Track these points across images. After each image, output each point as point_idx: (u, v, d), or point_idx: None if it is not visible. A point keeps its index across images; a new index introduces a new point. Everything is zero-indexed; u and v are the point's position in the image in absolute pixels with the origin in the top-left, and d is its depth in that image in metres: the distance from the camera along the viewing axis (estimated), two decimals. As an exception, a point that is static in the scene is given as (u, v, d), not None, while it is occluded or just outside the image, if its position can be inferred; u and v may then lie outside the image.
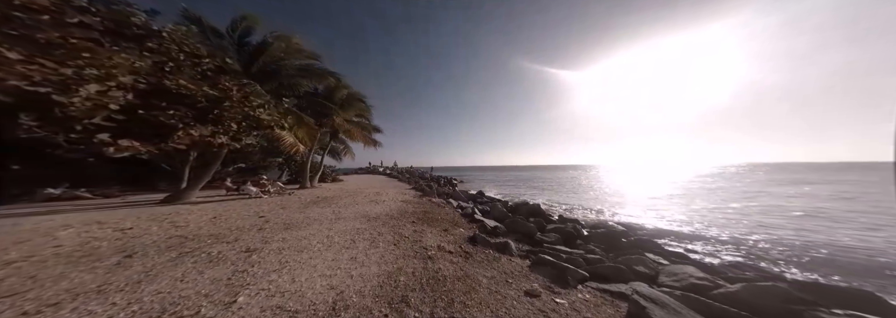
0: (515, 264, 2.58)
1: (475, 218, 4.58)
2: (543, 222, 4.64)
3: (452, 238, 3.42)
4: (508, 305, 1.79)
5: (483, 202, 7.40)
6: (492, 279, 2.20)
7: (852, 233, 4.93)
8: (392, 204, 6.17)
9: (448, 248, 3.00)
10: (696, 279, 2.15)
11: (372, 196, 7.61)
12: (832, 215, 6.40)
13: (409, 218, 4.59)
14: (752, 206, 8.01)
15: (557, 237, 3.62)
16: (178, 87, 5.03)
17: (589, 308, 1.77)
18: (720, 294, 1.88)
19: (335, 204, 6.07)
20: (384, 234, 3.56)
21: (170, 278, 2.09)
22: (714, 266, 2.89)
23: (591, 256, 2.78)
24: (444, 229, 3.92)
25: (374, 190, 9.39)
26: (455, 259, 2.66)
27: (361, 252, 2.81)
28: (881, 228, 5.23)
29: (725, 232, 5.13)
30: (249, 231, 3.56)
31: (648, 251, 3.24)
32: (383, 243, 3.14)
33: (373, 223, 4.18)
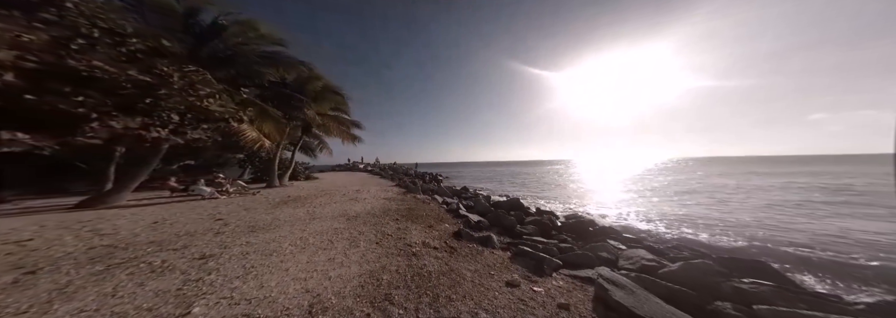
0: (497, 256, 2.69)
1: (460, 213, 4.66)
2: (523, 215, 4.90)
3: (437, 234, 3.44)
4: (491, 296, 1.87)
5: (467, 198, 7.52)
6: (476, 272, 2.28)
7: (768, 215, 6.00)
8: (374, 202, 5.96)
9: (433, 244, 3.02)
10: (646, 261, 2.50)
11: (352, 194, 7.24)
12: (753, 202, 7.70)
13: (393, 216, 4.49)
14: (689, 193, 9.43)
15: (535, 229, 3.87)
16: (91, 69, 3.96)
17: (562, 294, 1.93)
18: (664, 273, 2.23)
19: (309, 204, 5.66)
20: (365, 233, 3.44)
21: (96, 293, 1.76)
22: (661, 249, 3.39)
23: (563, 245, 3.04)
24: (428, 225, 3.92)
25: (354, 188, 8.94)
26: (440, 255, 2.69)
27: (340, 253, 2.69)
28: (792, 209, 6.43)
29: (670, 217, 6.03)
30: (203, 236, 3.15)
31: (610, 238, 3.66)
32: (365, 243, 3.04)
33: (353, 223, 4.00)
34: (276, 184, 9.19)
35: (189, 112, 5.13)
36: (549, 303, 1.78)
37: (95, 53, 4.14)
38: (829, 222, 5.19)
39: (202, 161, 10.91)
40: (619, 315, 1.64)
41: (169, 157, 8.54)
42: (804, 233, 4.54)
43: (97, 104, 4.12)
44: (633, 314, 1.59)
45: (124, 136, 4.46)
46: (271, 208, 5.07)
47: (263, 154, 10.69)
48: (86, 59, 3.91)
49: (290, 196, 6.80)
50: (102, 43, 4.24)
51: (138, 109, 4.50)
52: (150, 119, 4.66)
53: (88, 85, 4.01)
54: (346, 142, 11.47)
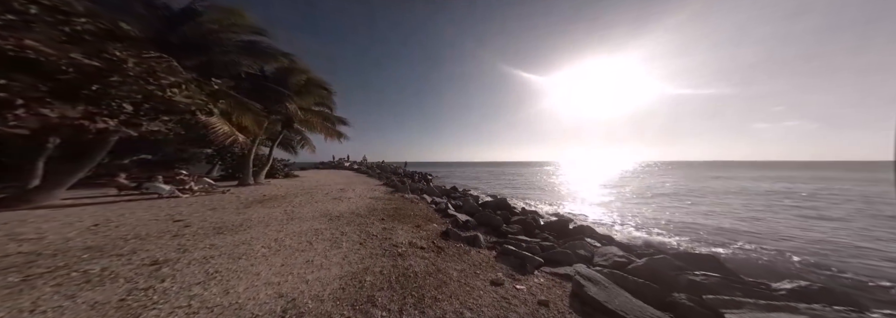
0: (483, 255, 2.76)
1: (448, 213, 4.69)
2: (509, 215, 5.07)
3: (425, 234, 3.43)
4: (476, 295, 1.92)
5: (456, 197, 7.57)
6: (462, 272, 2.32)
7: (725, 212, 6.85)
8: (359, 201, 5.78)
9: (420, 244, 3.01)
10: (617, 257, 2.72)
11: (335, 193, 6.96)
12: (712, 202, 8.76)
13: (379, 215, 4.40)
14: (659, 196, 10.38)
15: (520, 228, 4.02)
16: (20, 49, 3.33)
17: (543, 291, 2.03)
18: (632, 268, 2.44)
19: (287, 203, 5.34)
20: (349, 233, 3.34)
21: (8, 309, 1.52)
22: (630, 245, 3.72)
23: (545, 243, 3.18)
24: (416, 225, 3.90)
25: (338, 187, 8.59)
26: (427, 255, 2.69)
27: (320, 254, 2.58)
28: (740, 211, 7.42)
29: (641, 217, 6.63)
30: (158, 239, 2.85)
31: (587, 236, 3.90)
32: (348, 243, 2.95)
33: (335, 223, 3.85)
34: (250, 182, 8.50)
35: (147, 102, 4.53)
36: (530, 300, 1.86)
37: (30, 31, 3.48)
38: (770, 221, 5.99)
39: (162, 156, 9.76)
40: (593, 310, 1.76)
41: (122, 150, 7.52)
42: (750, 231, 5.20)
43: (25, 89, 3.47)
44: (605, 309, 1.72)
45: (60, 125, 3.83)
46: (243, 208, 4.71)
47: (236, 149, 9.83)
48: (14, 37, 3.27)
49: (265, 195, 6.37)
50: (41, 21, 3.57)
51: (82, 97, 3.88)
52: (96, 108, 4.05)
53: (16, 67, 3.36)
54: (329, 139, 10.86)
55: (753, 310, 1.65)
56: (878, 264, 3.54)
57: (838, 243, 4.40)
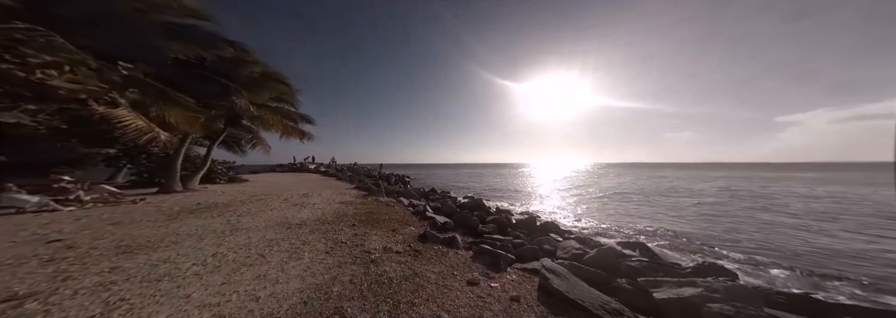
0: (461, 256, 2.81)
1: (426, 215, 4.64)
2: (484, 215, 5.25)
3: (401, 238, 3.33)
4: (453, 296, 1.94)
5: (435, 199, 7.50)
6: (439, 274, 2.32)
7: (656, 209, 8.12)
8: (326, 207, 5.28)
9: (396, 248, 2.90)
10: (575, 250, 3.09)
11: (296, 199, 6.23)
12: (653, 200, 10.27)
13: (349, 221, 4.10)
14: (611, 194, 12.01)
15: (494, 227, 4.20)
16: None
17: (514, 287, 2.17)
18: (587, 259, 2.80)
19: (232, 212, 4.58)
20: (312, 242, 3.03)
21: None
22: (587, 238, 4.23)
23: (517, 241, 3.40)
24: (392, 229, 3.75)
25: (301, 192, 7.69)
26: (403, 259, 2.62)
27: (275, 268, 2.29)
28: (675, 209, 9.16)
29: (594, 212, 7.69)
30: (17, 268, 2.13)
31: (552, 232, 4.34)
32: (311, 253, 2.68)
33: (296, 231, 3.46)
34: (177, 188, 6.96)
35: (1, 85, 3.32)
36: (503, 297, 1.96)
37: None
38: (689, 213, 7.43)
39: (28, 156, 7.06)
40: (557, 301, 1.95)
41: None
42: (672, 221, 6.44)
43: None
44: (566, 298, 1.93)
45: None
46: (166, 220, 3.86)
47: (156, 149, 7.95)
48: None
49: (200, 203, 5.33)
50: None
51: None
52: None
53: None
54: (289, 138, 9.48)
55: (671, 287, 2.07)
56: (746, 245, 4.81)
57: (725, 229, 5.75)
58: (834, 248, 4.31)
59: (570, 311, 1.79)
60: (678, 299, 1.87)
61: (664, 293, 1.96)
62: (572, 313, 1.77)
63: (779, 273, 3.30)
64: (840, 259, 3.79)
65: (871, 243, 4.51)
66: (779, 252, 4.11)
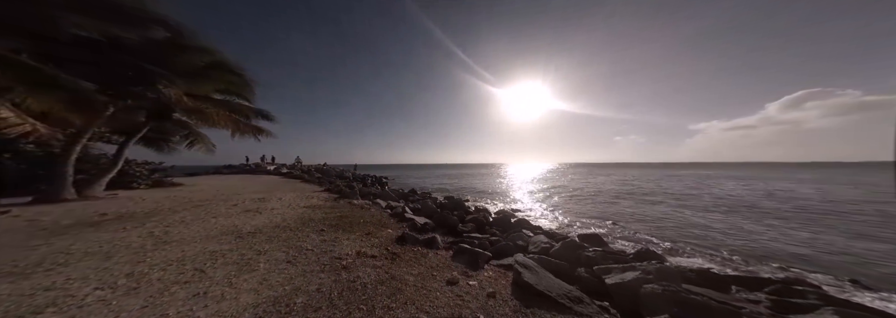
0: (440, 256, 2.81)
1: (406, 217, 4.51)
2: (464, 214, 5.38)
3: (377, 241, 3.17)
4: (432, 297, 1.93)
5: (414, 200, 7.38)
6: (418, 276, 2.28)
7: (622, 202, 9.25)
8: (287, 212, 4.73)
9: (371, 252, 2.76)
10: (544, 244, 3.39)
11: (249, 204, 5.43)
12: (614, 196, 11.58)
13: (316, 226, 3.75)
14: (574, 191, 13.26)
15: (473, 226, 4.33)
16: None
17: (491, 283, 2.25)
18: (553, 252, 3.11)
19: (158, 222, 3.81)
20: (270, 252, 2.69)
21: None
22: (554, 232, 4.68)
23: (493, 238, 3.57)
24: (367, 232, 3.55)
25: (255, 196, 6.71)
26: (379, 263, 2.50)
27: (220, 283, 1.97)
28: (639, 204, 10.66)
29: (560, 207, 8.53)
30: None
31: (524, 228, 4.63)
32: (268, 264, 2.38)
33: (249, 241, 3.03)
34: (68, 196, 5.42)
35: None
36: (480, 294, 2.03)
37: None
38: (636, 208, 8.64)
39: None
40: (528, 294, 2.09)
41: None
42: (620, 214, 7.49)
43: None
44: (535, 290, 2.08)
45: None
46: (46, 237, 3.00)
47: (28, 147, 6.20)
48: None
49: (107, 214, 4.27)
50: None
51: None
52: None
53: None
54: (240, 135, 8.15)
55: (618, 272, 2.43)
56: (673, 233, 5.93)
57: (664, 219, 6.85)
58: (734, 231, 5.45)
59: (539, 302, 1.94)
60: (623, 282, 2.20)
61: (613, 279, 2.29)
62: (541, 303, 1.92)
63: (692, 252, 4.17)
64: (733, 239, 4.90)
65: (761, 227, 5.80)
66: (692, 236, 5.14)
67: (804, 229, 5.49)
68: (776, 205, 8.28)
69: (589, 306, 1.91)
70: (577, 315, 1.76)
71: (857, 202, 8.07)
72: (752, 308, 1.66)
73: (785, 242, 4.52)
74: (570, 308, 1.84)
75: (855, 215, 6.45)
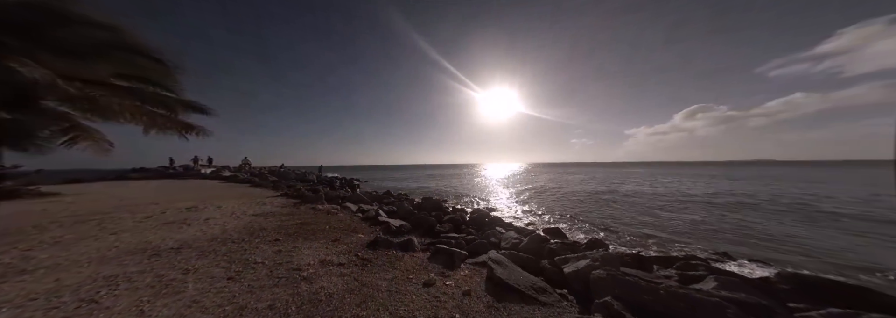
0: (417, 258, 2.73)
1: (379, 220, 4.26)
2: (441, 215, 5.30)
3: (346, 248, 2.92)
4: (408, 300, 1.86)
5: (389, 203, 6.96)
6: (392, 281, 2.17)
7: (590, 199, 10.09)
8: (230, 222, 4.00)
9: (337, 260, 2.52)
10: (514, 240, 3.61)
11: (170, 216, 4.40)
12: (578, 193, 12.55)
13: (270, 236, 3.27)
14: (538, 188, 14.35)
15: (451, 226, 4.31)
16: None
17: (467, 282, 2.29)
18: (522, 247, 3.33)
19: (15, 244, 2.81)
20: (203, 269, 2.25)
21: None
22: (523, 228, 4.94)
23: (469, 237, 3.62)
24: (333, 239, 3.23)
25: (180, 205, 5.46)
26: (347, 271, 2.30)
27: (123, 313, 1.57)
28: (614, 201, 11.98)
29: (529, 204, 9.13)
30: None
31: (497, 225, 4.79)
32: (200, 283, 1.98)
33: (169, 259, 2.47)
34: None
35: None
36: (456, 293, 2.04)
37: None
38: (589, 202, 9.66)
39: None
40: (500, 289, 2.19)
41: None
42: (577, 207, 8.32)
43: None
44: (506, 284, 2.21)
45: None
46: None
47: None
48: None
49: None
50: None
51: None
52: None
53: None
54: (161, 132, 6.49)
55: (573, 262, 2.76)
56: (615, 222, 6.93)
57: (610, 211, 7.80)
58: (668, 222, 6.14)
59: (510, 295, 2.06)
60: (577, 270, 2.51)
61: (570, 267, 2.59)
62: (511, 296, 2.03)
63: (629, 239, 4.92)
64: (655, 225, 5.88)
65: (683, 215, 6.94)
66: (632, 225, 6.04)
67: (695, 214, 7.06)
68: (677, 198, 10.38)
69: (551, 295, 2.11)
70: (541, 304, 1.92)
71: (721, 195, 10.59)
72: (666, 283, 2.08)
73: (684, 226, 5.80)
74: (536, 299, 2.00)
75: (728, 205, 8.52)
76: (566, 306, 1.93)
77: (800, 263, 3.53)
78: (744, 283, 2.29)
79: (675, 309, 1.55)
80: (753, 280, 2.50)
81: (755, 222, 5.98)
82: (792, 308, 1.86)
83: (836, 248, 4.07)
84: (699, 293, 1.60)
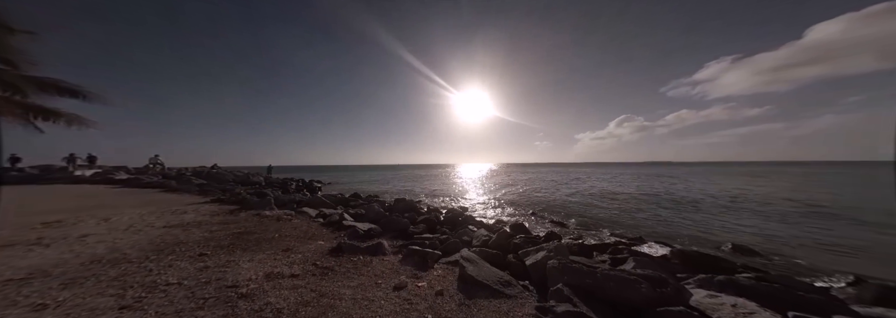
0: (387, 262, 2.58)
1: (344, 225, 3.85)
2: (415, 216, 5.10)
3: (300, 257, 2.55)
4: (375, 307, 1.73)
5: (357, 205, 6.38)
6: (358, 288, 1.99)
7: (556, 195, 10.86)
8: (122, 238, 3.09)
9: (289, 272, 2.18)
10: (484, 237, 3.72)
11: (17, 235, 3.20)
12: (542, 189, 13.42)
13: (191, 250, 2.65)
14: (509, 186, 15.31)
15: (425, 227, 4.19)
16: None
17: (440, 281, 2.26)
18: (491, 243, 3.47)
19: None
20: (73, 300, 1.69)
21: None
22: (492, 226, 5.06)
23: (443, 237, 3.59)
24: (284, 249, 2.79)
25: (34, 219, 3.95)
26: (302, 282, 2.02)
27: None
28: None
29: (500, 203, 9.43)
30: None
31: (470, 224, 4.85)
32: (83, 313, 1.47)
33: (6, 294, 1.78)
34: None
35: None
36: (429, 294, 2.00)
37: None
38: (551, 198, 10.37)
39: None
40: (471, 285, 2.23)
41: None
42: (540, 203, 8.99)
43: None
44: (476, 281, 2.27)
45: None
46: None
47: None
48: None
49: None
50: None
51: None
52: None
53: None
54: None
55: (533, 254, 3.02)
56: (568, 215, 7.57)
57: (564, 206, 8.58)
58: (611, 214, 7.05)
59: (480, 291, 2.13)
60: (536, 262, 2.77)
61: (530, 260, 2.84)
62: (481, 292, 2.10)
63: (576, 230, 5.58)
64: (596, 216, 6.92)
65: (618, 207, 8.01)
66: (582, 217, 6.91)
67: (622, 205, 8.66)
68: (615, 192, 12.38)
69: (515, 287, 2.27)
70: (507, 297, 2.04)
71: (641, 190, 13.03)
72: (602, 267, 2.50)
73: (617, 216, 7.03)
74: (502, 292, 2.12)
75: (644, 198, 10.49)
76: (527, 296, 2.09)
77: (686, 241, 4.66)
78: (651, 261, 2.95)
79: (607, 288, 1.87)
80: (657, 258, 3.23)
81: (658, 211, 7.65)
82: (679, 278, 2.49)
83: (706, 228, 5.57)
84: (623, 273, 1.98)
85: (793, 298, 1.93)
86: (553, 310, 1.68)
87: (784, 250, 4.05)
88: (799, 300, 1.91)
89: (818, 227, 5.36)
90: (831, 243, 4.28)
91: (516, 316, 1.72)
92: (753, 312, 1.64)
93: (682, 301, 1.80)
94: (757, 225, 5.72)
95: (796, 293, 1.98)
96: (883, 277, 2.76)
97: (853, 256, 3.76)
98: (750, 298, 1.84)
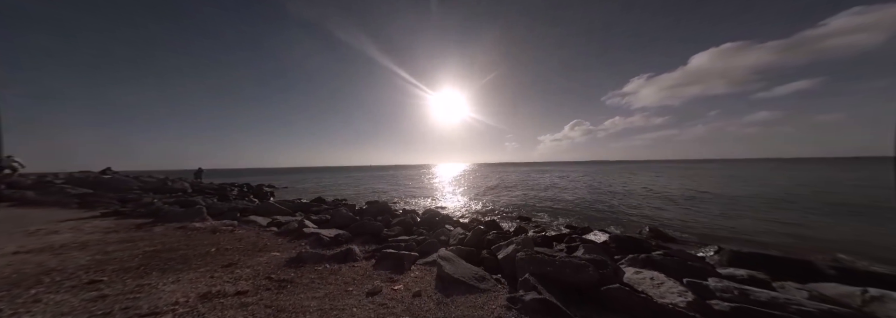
0: (358, 268, 2.39)
1: (305, 232, 3.39)
2: (389, 218, 4.84)
3: (250, 272, 2.17)
4: (347, 315, 1.59)
5: (321, 211, 5.68)
6: (325, 298, 1.79)
7: (525, 193, 11.30)
8: None
9: (234, 289, 1.84)
10: (460, 235, 3.77)
11: None
12: (513, 188, 13.90)
13: (74, 279, 2.01)
14: (481, 186, 15.56)
15: (401, 229, 4.02)
16: None
17: (418, 283, 2.21)
18: (466, 241, 3.57)
19: None
20: None
21: None
22: (468, 224, 5.15)
23: (420, 238, 3.51)
24: (224, 264, 2.33)
25: None
26: (253, 299, 1.73)
27: None
28: None
29: (475, 201, 9.69)
30: None
31: (447, 224, 4.86)
32: None
33: None
34: None
35: None
36: (406, 297, 1.94)
37: None
38: (518, 195, 10.95)
39: None
40: (449, 283, 2.25)
41: None
42: (510, 201, 9.40)
43: None
44: (453, 278, 2.30)
45: None
46: None
47: None
48: None
49: None
50: None
51: None
52: None
53: None
54: None
55: (504, 248, 3.20)
56: (532, 210, 8.31)
57: (532, 202, 9.24)
58: (573, 207, 8.12)
59: (457, 288, 2.16)
60: (507, 256, 2.97)
61: (502, 254, 3.04)
62: (458, 289, 2.14)
63: (540, 223, 6.11)
64: (552, 210, 7.78)
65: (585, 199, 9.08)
66: (543, 211, 7.64)
67: (574, 198, 9.93)
68: (569, 188, 14.16)
69: (489, 281, 2.39)
70: (481, 291, 2.13)
71: (589, 185, 15.30)
72: (559, 256, 2.84)
73: (572, 208, 8.09)
74: (477, 287, 2.21)
75: (593, 191, 11.86)
76: (500, 288, 2.22)
77: (621, 227, 5.52)
78: (596, 247, 3.50)
79: (565, 274, 2.14)
80: (600, 244, 3.86)
81: (598, 203, 9.07)
82: (616, 259, 3.04)
83: (636, 214, 6.90)
84: (575, 259, 2.30)
85: (685, 267, 2.57)
86: (522, 299, 1.82)
87: (682, 228, 5.37)
88: (689, 268, 2.55)
89: (698, 209, 7.27)
90: (707, 222, 5.87)
91: (490, 309, 1.80)
92: (663, 282, 2.11)
93: (618, 279, 2.18)
94: (666, 209, 7.41)
95: (686, 263, 2.65)
96: (735, 245, 3.87)
97: (720, 229, 5.21)
98: (661, 271, 2.36)
